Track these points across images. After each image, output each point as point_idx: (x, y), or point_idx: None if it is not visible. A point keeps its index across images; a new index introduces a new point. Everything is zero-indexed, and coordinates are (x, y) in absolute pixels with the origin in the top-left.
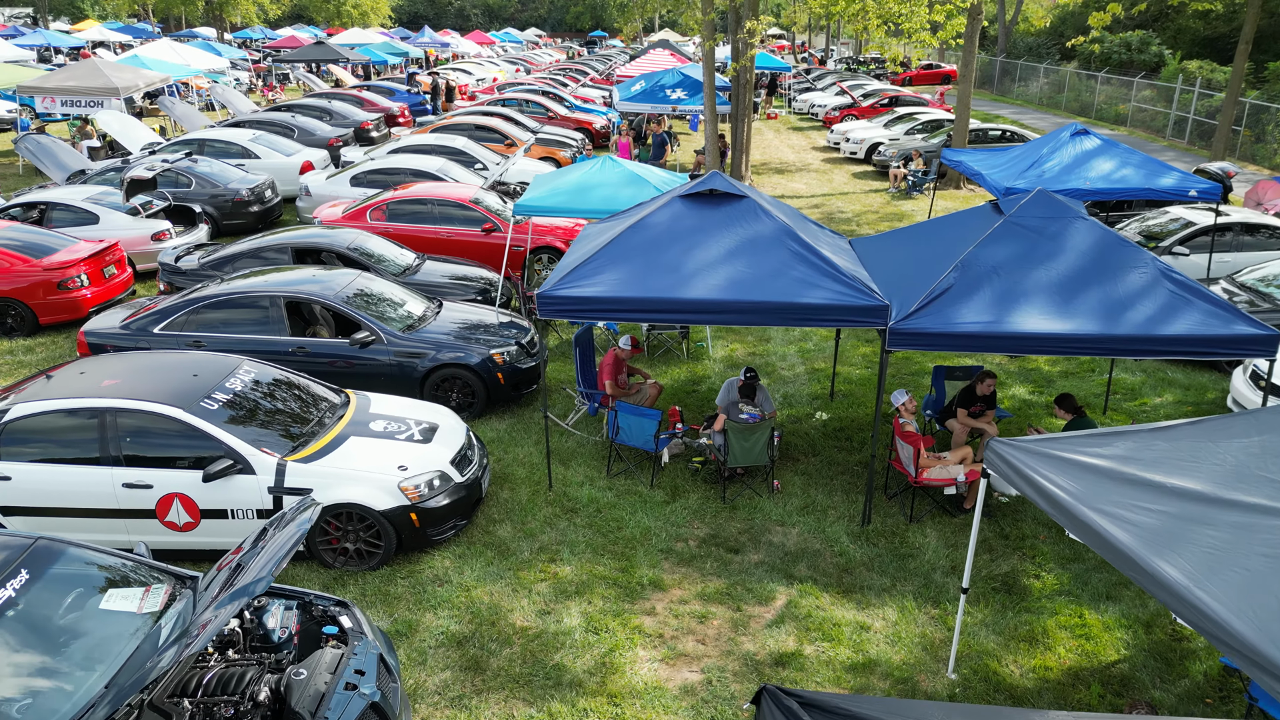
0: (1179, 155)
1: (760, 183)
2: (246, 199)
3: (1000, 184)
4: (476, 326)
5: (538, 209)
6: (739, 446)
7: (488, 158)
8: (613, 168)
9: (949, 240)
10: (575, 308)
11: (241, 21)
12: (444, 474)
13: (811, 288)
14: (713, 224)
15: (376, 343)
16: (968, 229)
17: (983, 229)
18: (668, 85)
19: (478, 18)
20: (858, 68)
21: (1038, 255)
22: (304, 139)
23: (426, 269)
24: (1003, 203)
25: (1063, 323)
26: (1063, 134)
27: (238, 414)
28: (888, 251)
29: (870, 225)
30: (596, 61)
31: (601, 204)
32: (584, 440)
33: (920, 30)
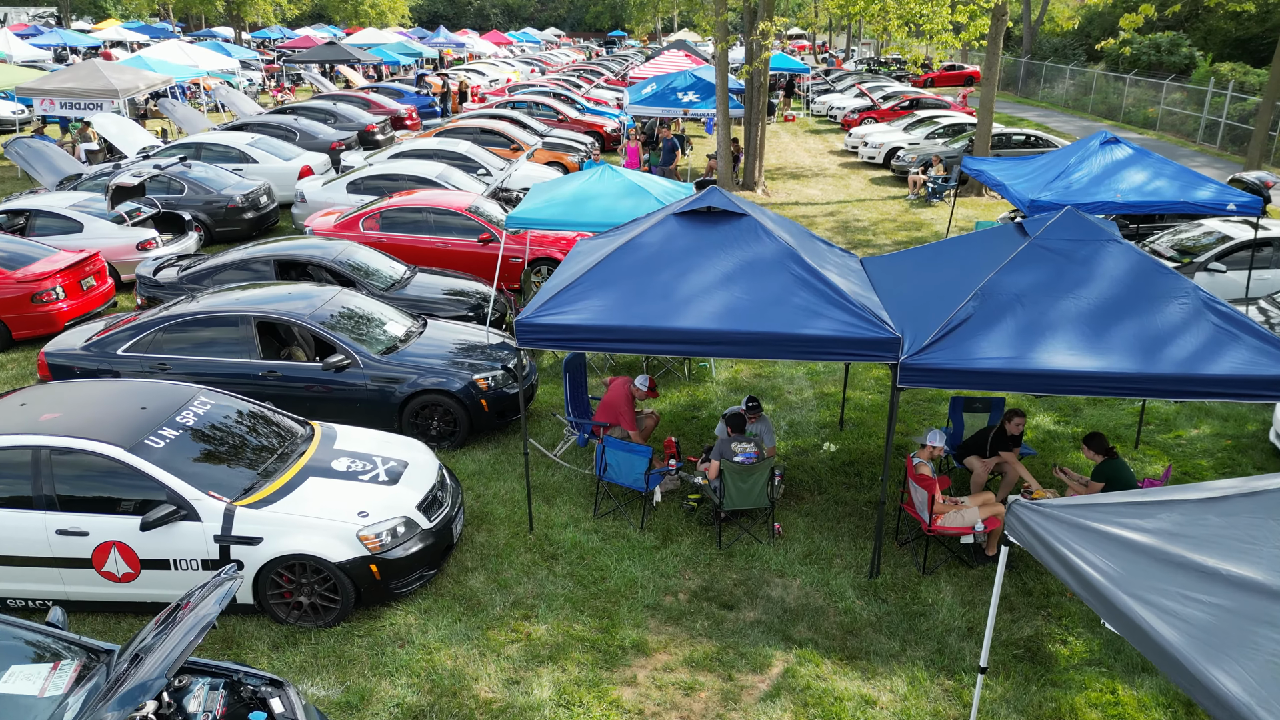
0: (1210, 161)
1: (774, 188)
2: (240, 205)
3: (1024, 196)
4: (462, 348)
5: (531, 221)
6: (736, 488)
7: (492, 162)
8: (612, 178)
9: (968, 263)
10: (557, 337)
11: (260, 21)
12: (410, 520)
13: (815, 317)
14: (709, 245)
15: (352, 366)
16: (989, 251)
17: (1005, 252)
18: (679, 88)
19: (497, 17)
20: (878, 69)
21: (1066, 282)
22: (305, 143)
23: (418, 283)
24: (1028, 223)
25: (1094, 359)
26: (1091, 142)
27: (186, 453)
28: (901, 273)
29: (887, 235)
30: (613, 62)
31: (599, 216)
32: (572, 474)
33: (942, 31)
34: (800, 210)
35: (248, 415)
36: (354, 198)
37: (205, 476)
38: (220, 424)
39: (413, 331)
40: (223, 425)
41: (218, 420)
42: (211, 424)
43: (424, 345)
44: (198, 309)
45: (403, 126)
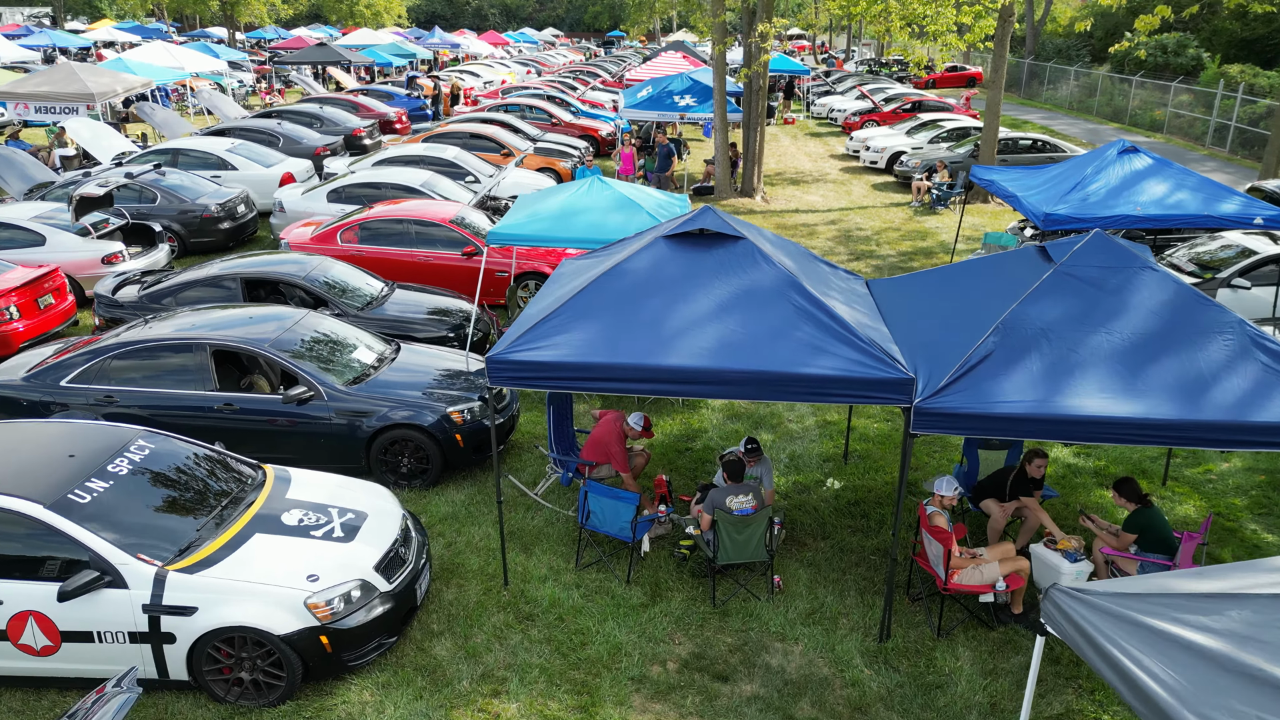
0: (1221, 165)
1: (774, 195)
2: (216, 215)
3: (1039, 209)
4: (437, 376)
5: (513, 237)
6: (731, 541)
7: (480, 169)
8: (601, 190)
9: (986, 291)
10: (532, 375)
11: (255, 21)
12: (366, 583)
13: (819, 354)
14: (702, 271)
15: (316, 399)
16: (1009, 278)
17: (1028, 279)
18: (676, 91)
19: (495, 17)
20: (879, 70)
21: (1097, 315)
22: (289, 148)
23: (396, 300)
24: (1052, 247)
25: (1130, 403)
26: (1109, 151)
27: (115, 509)
28: (912, 299)
29: (891, 245)
30: (611, 63)
31: (586, 232)
32: (553, 516)
33: (946, 33)
34: (801, 218)
35: (192, 461)
36: (334, 207)
37: (136, 536)
38: (159, 473)
39: (385, 357)
40: (161, 474)
41: (156, 468)
42: (148, 473)
43: (395, 373)
44: (148, 336)
45: (392, 131)
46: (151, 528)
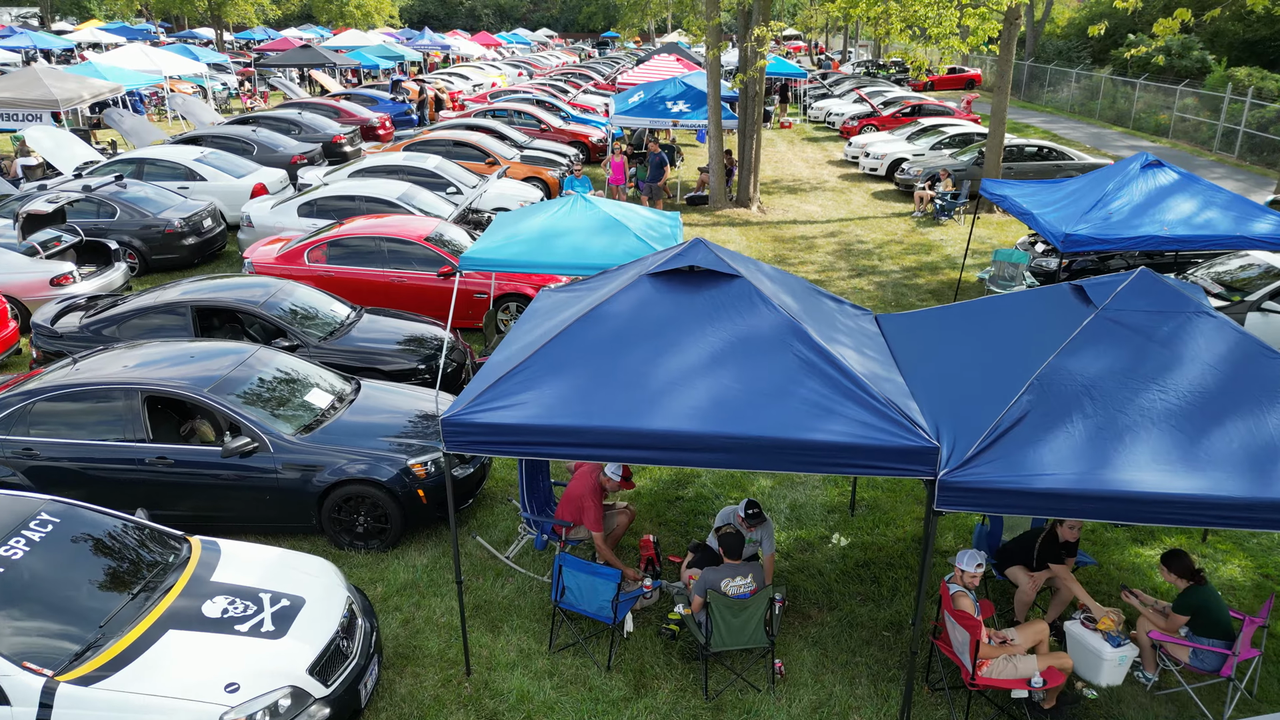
0: (1230, 171)
1: (770, 204)
2: (180, 230)
3: (1058, 229)
4: (401, 421)
5: (489, 262)
6: (726, 625)
7: (464, 179)
8: (584, 210)
9: (1016, 336)
10: (494, 440)
11: (242, 21)
12: (298, 690)
13: (827, 415)
14: (692, 315)
15: (261, 451)
16: (1041, 321)
17: (1064, 325)
18: (669, 97)
19: (489, 18)
20: (876, 72)
21: (1147, 369)
22: (264, 156)
23: (364, 327)
24: (1091, 287)
25: (1191, 477)
26: (1131, 166)
27: (4, 603)
28: (929, 342)
29: (894, 259)
30: (604, 65)
31: (568, 256)
32: (526, 585)
33: (949, 35)
34: (799, 230)
35: (104, 537)
36: (305, 222)
37: (25, 639)
38: (61, 554)
39: (343, 398)
40: (65, 556)
41: (60, 549)
42: (49, 556)
43: (353, 418)
44: (73, 379)
45: (375, 137)
46: (44, 628)
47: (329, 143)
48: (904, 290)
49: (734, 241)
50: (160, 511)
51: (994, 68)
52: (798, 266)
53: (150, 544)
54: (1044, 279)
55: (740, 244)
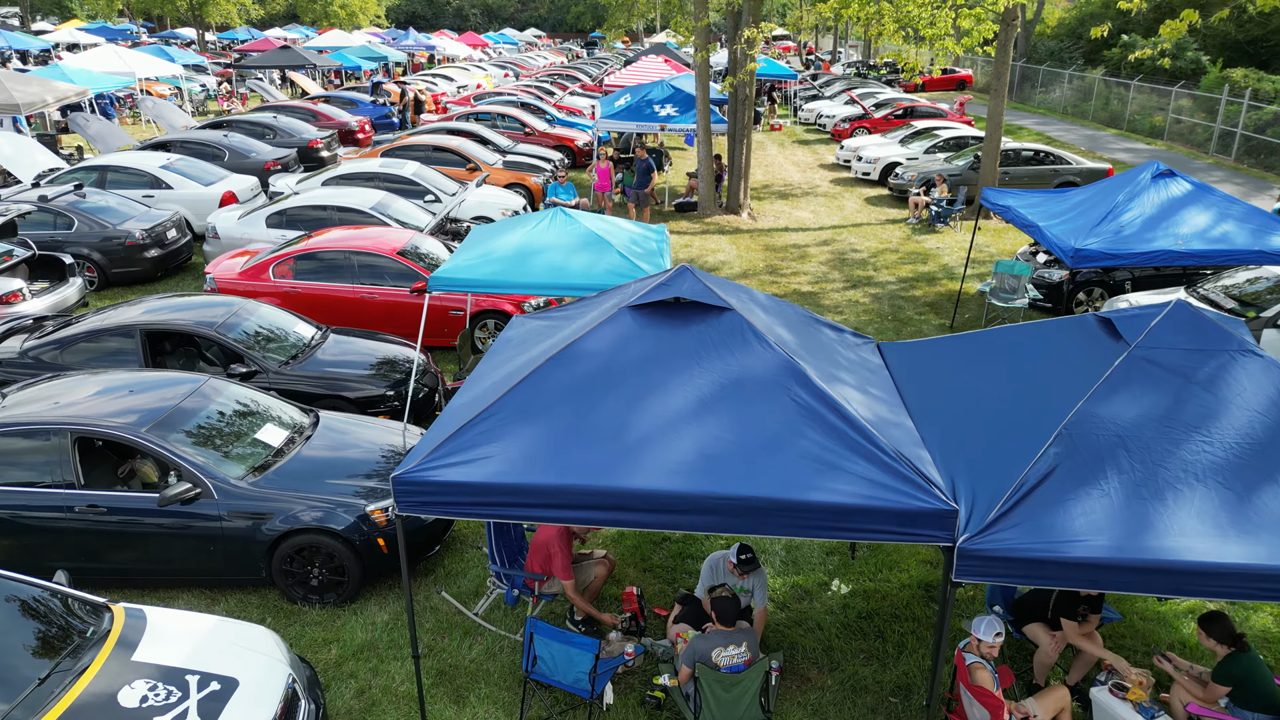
0: (1229, 175)
1: (761, 210)
2: (141, 242)
3: (1066, 242)
4: (362, 459)
5: (459, 282)
6: (716, 700)
7: (443, 187)
8: (564, 224)
9: (1036, 374)
10: (452, 501)
11: (225, 21)
12: None
13: (831, 472)
14: (678, 354)
15: (204, 497)
16: (1064, 357)
17: (1091, 363)
18: (656, 100)
19: (476, 18)
20: (867, 73)
21: (1188, 417)
22: (235, 162)
23: (330, 349)
24: (1120, 320)
25: (1244, 543)
26: (1141, 175)
27: None
28: (939, 377)
29: (890, 269)
30: (592, 66)
31: (546, 275)
32: (496, 645)
33: (944, 37)
34: (790, 238)
35: (14, 608)
36: (274, 233)
37: None
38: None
39: (300, 432)
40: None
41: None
42: None
43: (308, 457)
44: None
45: (354, 142)
46: None
47: (305, 148)
48: (901, 303)
49: (724, 251)
50: (93, 565)
51: (985, 68)
52: (790, 278)
53: (66, 615)
54: (1047, 291)
55: (730, 253)
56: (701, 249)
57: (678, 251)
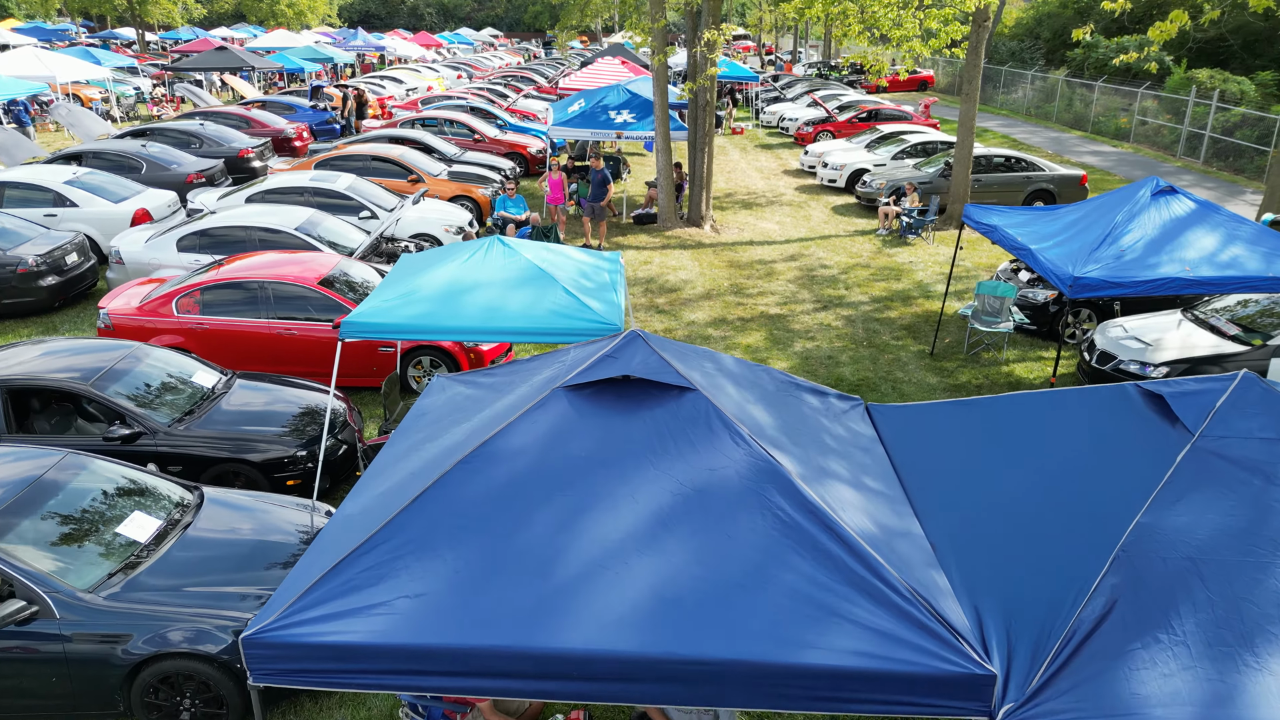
0: (1199, 179)
1: (724, 221)
2: (35, 269)
3: (1063, 269)
4: (250, 555)
5: (376, 327)
6: None
7: (382, 201)
8: (502, 256)
9: (1075, 464)
10: (321, 668)
11: (166, 20)
12: None
13: (827, 622)
14: (628, 452)
15: (42, 615)
16: (1109, 441)
17: (1145, 456)
18: (612, 106)
19: (432, 17)
20: (829, 74)
21: (1274, 531)
22: (154, 175)
23: (235, 401)
24: (1174, 398)
25: None
26: (1140, 193)
27: None
28: (947, 457)
29: (862, 287)
30: (549, 67)
31: (479, 318)
32: None
33: (911, 39)
34: (756, 253)
35: None
36: (187, 258)
37: None
38: None
39: (178, 518)
40: None
41: None
42: None
43: (182, 557)
44: None
45: (290, 150)
46: None
47: (234, 158)
48: (876, 327)
49: (686, 268)
50: None
51: (947, 69)
52: (756, 298)
53: None
54: (1031, 313)
55: (693, 271)
56: (662, 266)
57: (636, 269)
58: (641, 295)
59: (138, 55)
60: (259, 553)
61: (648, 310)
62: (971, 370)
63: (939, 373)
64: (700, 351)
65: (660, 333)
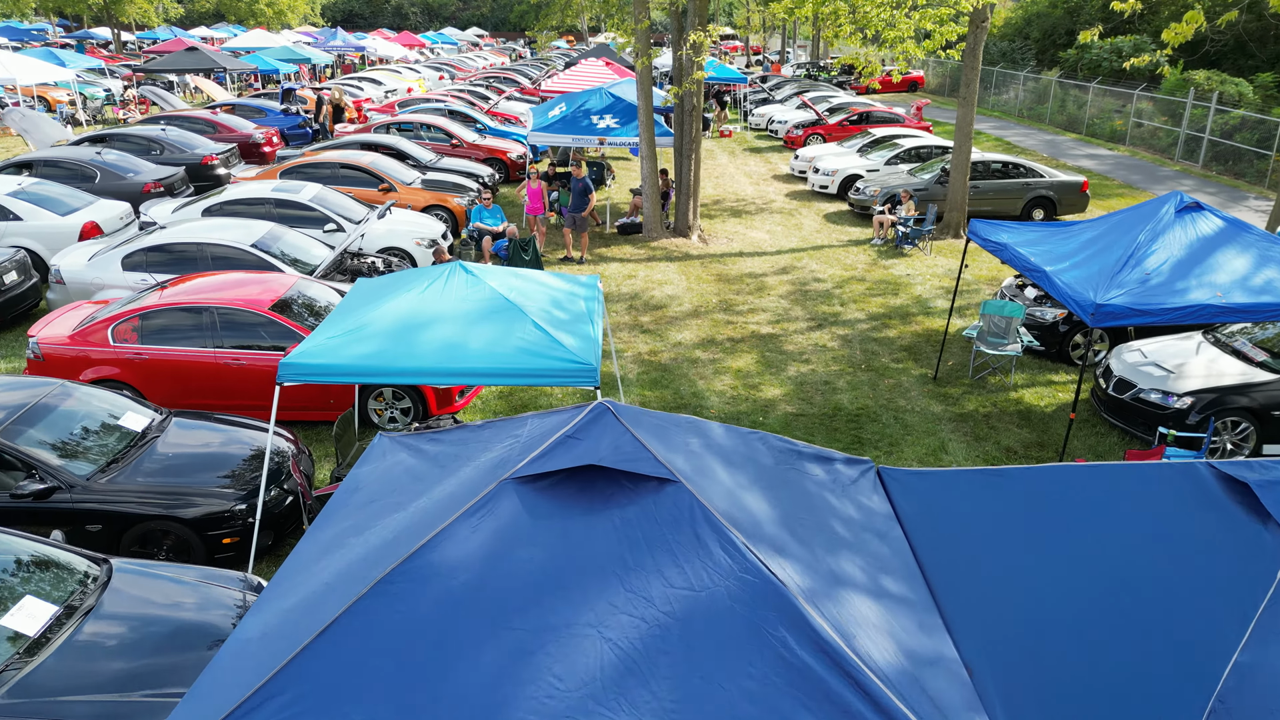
0: (1199, 184)
1: (712, 230)
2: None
3: (1083, 294)
4: (161, 646)
5: (321, 369)
6: None
7: (350, 213)
8: (465, 285)
9: (1139, 571)
10: None
11: (143, 21)
12: None
13: None
14: (591, 568)
15: None
16: (1180, 543)
17: (1231, 565)
18: (594, 110)
19: (416, 16)
20: (817, 75)
21: None
22: (109, 184)
23: (169, 445)
24: (1263, 489)
25: None
26: (1163, 209)
27: None
28: (976, 542)
29: (858, 303)
30: (533, 67)
31: (436, 358)
32: None
33: (905, 40)
34: (745, 265)
35: None
36: (133, 277)
37: None
38: None
39: (75, 602)
40: None
41: None
42: None
43: (76, 656)
44: None
45: (259, 156)
46: None
47: (197, 165)
48: (874, 348)
49: (673, 283)
50: None
51: (936, 70)
52: (747, 316)
53: None
54: (1040, 333)
55: (680, 285)
56: (647, 280)
57: (620, 284)
58: (625, 313)
59: (111, 56)
60: (171, 643)
61: (631, 330)
62: (978, 397)
63: (943, 400)
64: (683, 422)
65: (645, 355)
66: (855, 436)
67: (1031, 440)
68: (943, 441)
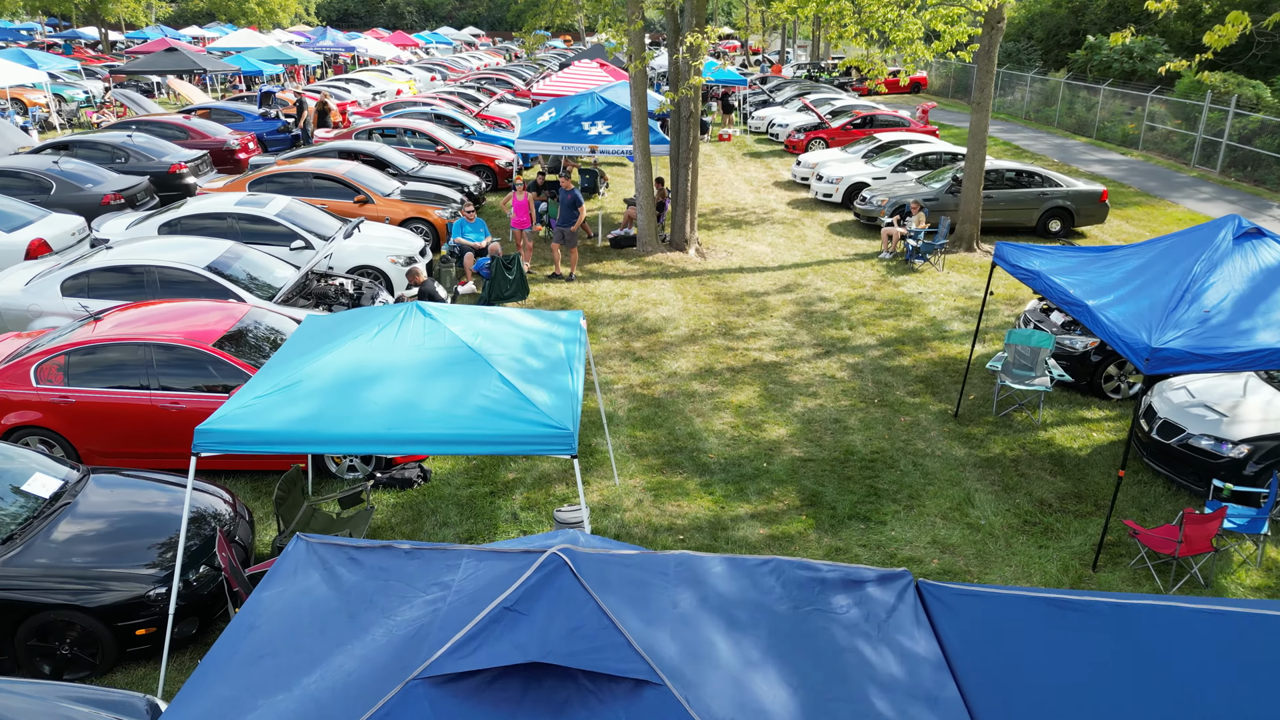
0: (1218, 191)
1: (711, 243)
2: None
3: (1135, 338)
4: None
5: (245, 437)
6: None
7: (322, 228)
8: (422, 329)
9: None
10: None
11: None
12: None
13: None
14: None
15: None
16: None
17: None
18: (585, 116)
19: (412, 15)
20: (820, 75)
21: None
22: (65, 196)
23: (86, 508)
24: None
25: None
26: (1220, 236)
27: None
28: (1043, 691)
29: (867, 325)
30: (528, 68)
31: (383, 422)
32: None
33: (914, 41)
34: (746, 283)
35: None
36: (72, 303)
37: None
38: None
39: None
40: None
41: None
42: None
43: None
44: None
45: (233, 163)
46: None
47: (165, 174)
48: (887, 379)
49: (668, 302)
50: None
51: (940, 71)
52: (748, 341)
53: None
54: (1069, 364)
55: (676, 306)
56: (641, 300)
57: (611, 304)
58: (617, 338)
59: (97, 56)
60: None
61: (623, 357)
62: (1004, 438)
63: (966, 441)
64: (670, 566)
65: (637, 387)
66: (871, 487)
67: (1067, 491)
68: (968, 493)
